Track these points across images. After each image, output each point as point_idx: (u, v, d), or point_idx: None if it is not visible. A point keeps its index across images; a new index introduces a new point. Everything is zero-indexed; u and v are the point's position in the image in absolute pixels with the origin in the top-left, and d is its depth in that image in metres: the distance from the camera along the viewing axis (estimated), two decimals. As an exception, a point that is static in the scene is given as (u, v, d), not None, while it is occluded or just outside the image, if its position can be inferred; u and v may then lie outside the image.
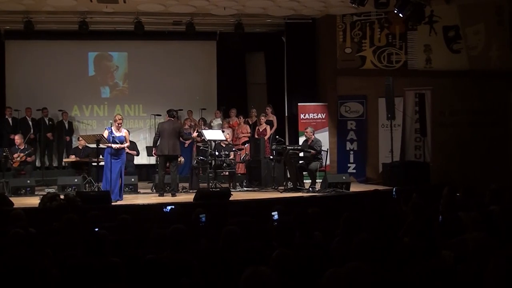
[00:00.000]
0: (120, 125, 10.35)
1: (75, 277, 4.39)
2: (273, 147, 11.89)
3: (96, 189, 9.83)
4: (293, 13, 13.89)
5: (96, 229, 5.60)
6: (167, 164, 10.97)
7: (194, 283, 4.19)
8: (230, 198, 9.68)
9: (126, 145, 10.45)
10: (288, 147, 11.66)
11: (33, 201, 10.11)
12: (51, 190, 11.81)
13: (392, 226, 6.10)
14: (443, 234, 5.93)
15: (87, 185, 11.89)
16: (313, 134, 11.75)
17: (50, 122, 14.28)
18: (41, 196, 8.66)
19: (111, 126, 10.37)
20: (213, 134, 11.87)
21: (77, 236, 5.83)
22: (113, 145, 9.96)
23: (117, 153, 10.18)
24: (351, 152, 13.93)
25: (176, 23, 14.33)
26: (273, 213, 6.17)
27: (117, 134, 10.23)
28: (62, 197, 8.48)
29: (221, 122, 14.28)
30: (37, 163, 13.98)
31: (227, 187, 11.05)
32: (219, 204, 8.51)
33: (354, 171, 13.65)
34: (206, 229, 6.08)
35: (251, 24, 14.46)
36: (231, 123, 14.10)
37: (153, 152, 11.15)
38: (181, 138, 11.36)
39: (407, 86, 13.33)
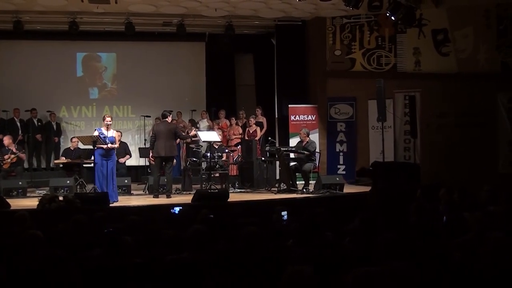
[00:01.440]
0: (109, 125, 10.28)
1: (98, 278, 4.38)
2: (267, 148, 11.94)
3: (93, 191, 9.75)
4: (283, 15, 13.96)
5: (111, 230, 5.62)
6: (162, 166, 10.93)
7: (218, 283, 4.20)
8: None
9: (116, 145, 10.44)
10: (282, 149, 11.71)
11: (27, 202, 10.03)
12: (42, 191, 11.73)
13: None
14: (448, 234, 6.03)
15: (78, 187, 11.81)
16: (308, 136, 11.82)
17: (39, 123, 14.14)
18: (39, 198, 8.56)
19: (101, 127, 10.31)
20: (208, 136, 11.87)
21: (86, 237, 5.82)
22: (109, 145, 9.90)
23: (108, 153, 10.10)
24: (341, 154, 14.04)
25: (166, 24, 14.29)
26: (282, 213, 6.20)
27: (107, 134, 10.16)
28: (61, 198, 8.42)
29: (207, 124, 14.29)
30: (25, 165, 13.80)
31: (225, 188, 11.04)
32: (221, 205, 8.52)
33: (344, 172, 13.71)
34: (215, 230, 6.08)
35: (241, 25, 14.48)
36: (220, 124, 14.12)
37: (150, 155, 11.08)
38: (178, 139, 11.32)
39: (397, 88, 13.46)
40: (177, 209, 6.82)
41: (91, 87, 15.39)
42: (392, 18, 11.80)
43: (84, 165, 12.52)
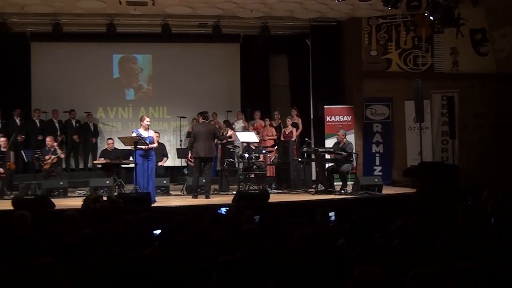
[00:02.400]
0: (148, 126, 10.37)
1: (152, 278, 4.41)
2: (304, 149, 11.92)
3: (135, 191, 9.84)
4: (319, 16, 13.92)
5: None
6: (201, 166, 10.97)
7: (274, 284, 4.21)
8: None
9: (155, 145, 10.54)
10: (320, 150, 11.69)
11: (69, 202, 10.19)
12: (82, 191, 11.90)
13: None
14: (497, 235, 5.97)
15: (117, 187, 11.95)
16: (345, 137, 11.80)
17: (77, 124, 14.33)
18: (84, 198, 8.70)
19: (138, 128, 10.41)
20: (246, 136, 11.92)
21: (135, 237, 5.89)
22: (149, 146, 10.02)
23: (148, 154, 10.20)
24: (377, 155, 13.94)
25: (202, 25, 14.37)
26: (330, 214, 6.20)
27: (145, 135, 10.26)
28: (104, 198, 8.54)
29: (243, 124, 14.35)
30: (63, 165, 13.97)
31: (265, 189, 11.05)
32: (265, 206, 8.54)
33: (380, 173, 13.57)
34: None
35: (275, 26, 14.44)
36: (255, 125, 14.13)
37: (189, 155, 11.15)
38: (216, 140, 11.34)
39: (434, 88, 13.33)
40: (223, 209, 6.85)
41: (127, 88, 15.56)
42: (431, 18, 11.69)
43: (122, 166, 12.67)
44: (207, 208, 8.86)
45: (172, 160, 14.30)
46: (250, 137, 11.96)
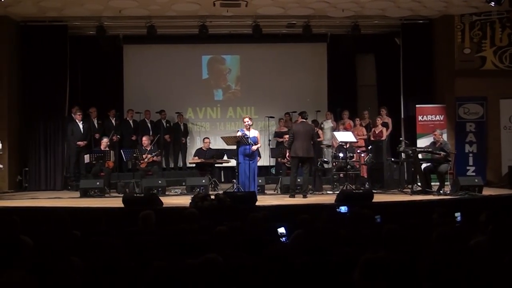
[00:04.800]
0: (250, 126, 10.50)
1: (297, 274, 4.45)
2: (401, 149, 11.77)
3: (237, 190, 9.98)
4: (410, 14, 13.70)
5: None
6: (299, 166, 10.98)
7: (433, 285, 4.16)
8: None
9: (259, 145, 10.66)
10: (417, 149, 11.51)
11: (170, 200, 10.39)
12: (178, 190, 12.14)
13: None
14: None
15: (211, 186, 12.14)
16: (442, 136, 11.59)
17: (167, 124, 14.61)
18: (191, 196, 8.86)
19: (244, 128, 10.55)
20: (344, 136, 11.88)
21: (262, 234, 5.96)
22: (253, 147, 10.15)
23: (252, 154, 10.35)
24: (470, 155, 13.61)
25: (290, 25, 14.39)
26: (456, 215, 6.11)
27: (249, 135, 10.38)
28: (212, 197, 8.69)
29: (331, 125, 14.29)
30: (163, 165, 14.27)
31: (370, 189, 10.99)
32: (369, 206, 8.48)
33: (474, 174, 13.25)
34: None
35: (363, 25, 14.26)
36: (344, 125, 14.06)
37: (287, 154, 11.20)
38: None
39: (531, 87, 12.97)
40: (342, 208, 6.84)
41: (215, 89, 15.77)
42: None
43: (216, 165, 12.85)
44: (325, 207, 8.84)
45: (261, 160, 14.38)
46: (348, 137, 11.91)
